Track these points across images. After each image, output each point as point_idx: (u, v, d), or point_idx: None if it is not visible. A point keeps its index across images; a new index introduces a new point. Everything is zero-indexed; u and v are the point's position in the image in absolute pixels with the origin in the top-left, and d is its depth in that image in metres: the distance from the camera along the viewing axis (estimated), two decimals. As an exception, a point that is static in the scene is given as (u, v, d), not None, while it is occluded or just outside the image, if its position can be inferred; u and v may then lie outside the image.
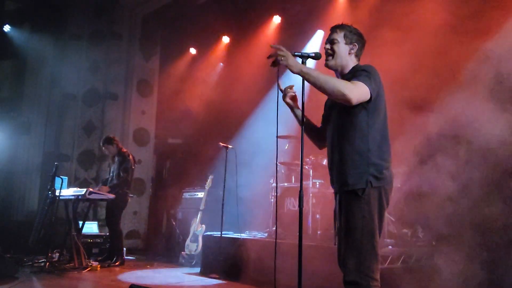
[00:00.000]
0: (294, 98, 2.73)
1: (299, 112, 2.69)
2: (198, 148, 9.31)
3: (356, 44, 2.64)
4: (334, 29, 2.67)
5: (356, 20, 6.14)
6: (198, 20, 8.71)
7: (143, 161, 9.19)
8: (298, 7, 7.63)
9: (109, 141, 6.87)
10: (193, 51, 9.65)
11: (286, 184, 6.06)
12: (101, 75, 9.03)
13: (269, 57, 2.45)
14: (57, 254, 6.14)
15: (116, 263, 6.47)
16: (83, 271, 5.77)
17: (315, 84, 2.39)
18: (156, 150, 9.69)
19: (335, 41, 2.63)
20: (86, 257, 6.16)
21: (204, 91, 9.47)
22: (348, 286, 2.40)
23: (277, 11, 8.06)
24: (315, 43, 7.53)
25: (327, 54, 2.66)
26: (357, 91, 2.36)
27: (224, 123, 8.54)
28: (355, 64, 2.65)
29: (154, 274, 6.02)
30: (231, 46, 9.00)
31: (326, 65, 2.68)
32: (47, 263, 5.82)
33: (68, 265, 5.94)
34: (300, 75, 2.42)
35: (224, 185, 6.16)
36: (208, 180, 7.12)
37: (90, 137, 8.87)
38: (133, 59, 9.32)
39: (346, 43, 2.63)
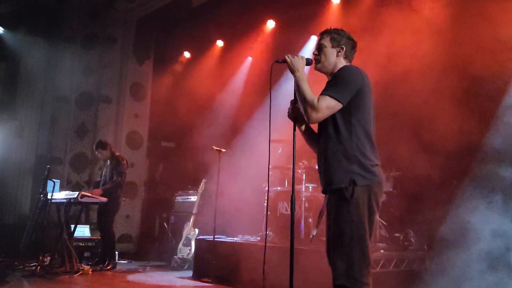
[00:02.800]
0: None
1: (303, 126, 2.76)
2: (191, 151, 9.31)
3: (344, 46, 2.67)
4: (321, 34, 2.73)
5: (350, 24, 6.20)
6: (192, 24, 8.73)
7: (136, 165, 9.16)
8: (292, 12, 7.66)
9: (102, 145, 6.86)
10: (187, 54, 9.65)
11: (279, 188, 6.06)
12: (94, 78, 9.00)
13: (284, 58, 2.63)
14: (49, 258, 6.09)
15: (108, 267, 6.44)
16: (75, 275, 5.72)
17: (297, 89, 2.55)
18: (149, 153, 9.67)
19: (322, 46, 2.69)
20: (77, 261, 6.11)
21: (198, 95, 9.47)
22: (337, 290, 2.39)
23: (271, 16, 8.08)
24: (309, 48, 7.54)
25: (315, 59, 2.71)
26: (318, 115, 2.46)
27: (218, 126, 8.54)
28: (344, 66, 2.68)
29: (146, 278, 5.99)
30: (225, 50, 9.01)
31: (315, 69, 2.73)
32: (38, 267, 5.79)
33: (59, 269, 5.87)
34: (292, 74, 2.59)
35: (217, 189, 6.15)
36: (201, 184, 7.11)
37: (83, 140, 8.83)
38: (127, 62, 9.31)
39: (333, 46, 2.67)
